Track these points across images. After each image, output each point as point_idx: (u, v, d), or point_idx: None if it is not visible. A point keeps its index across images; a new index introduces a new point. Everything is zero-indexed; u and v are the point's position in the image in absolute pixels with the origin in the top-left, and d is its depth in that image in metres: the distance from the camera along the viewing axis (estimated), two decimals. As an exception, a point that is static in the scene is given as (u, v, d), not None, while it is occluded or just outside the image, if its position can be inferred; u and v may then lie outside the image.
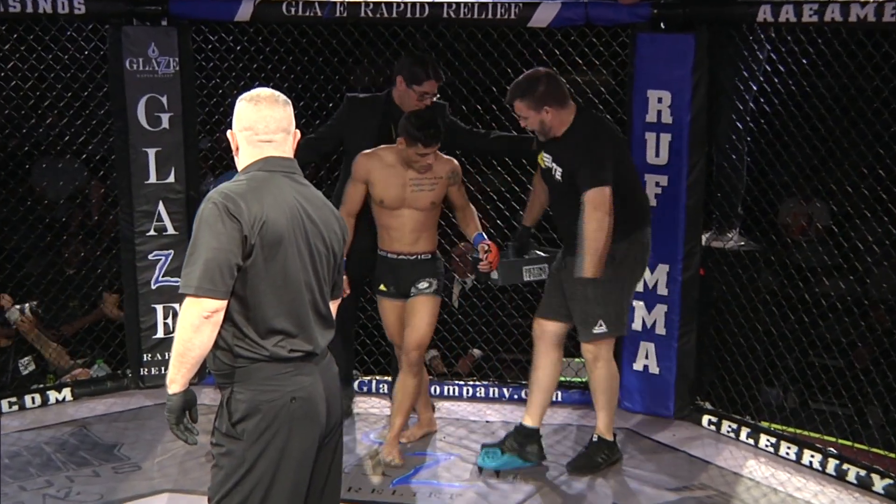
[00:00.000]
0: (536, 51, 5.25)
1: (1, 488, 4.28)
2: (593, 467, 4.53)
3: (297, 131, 2.94)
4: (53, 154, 5.93)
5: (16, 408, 5.16)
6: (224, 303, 2.71)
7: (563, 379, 5.44)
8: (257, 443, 2.76)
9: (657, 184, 4.93)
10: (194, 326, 2.69)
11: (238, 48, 5.51)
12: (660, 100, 4.88)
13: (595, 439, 4.57)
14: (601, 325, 4.39)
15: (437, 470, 4.59)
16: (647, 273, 4.95)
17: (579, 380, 5.45)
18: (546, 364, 4.54)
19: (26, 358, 5.46)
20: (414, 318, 4.52)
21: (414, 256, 4.52)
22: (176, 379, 2.76)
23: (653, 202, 4.89)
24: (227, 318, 2.75)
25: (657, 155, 4.92)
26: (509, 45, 5.34)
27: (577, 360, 5.63)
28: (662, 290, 5.01)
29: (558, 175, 4.36)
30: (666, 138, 4.89)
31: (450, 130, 4.96)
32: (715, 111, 4.95)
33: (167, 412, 2.80)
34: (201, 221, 2.72)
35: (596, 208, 4.17)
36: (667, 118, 4.88)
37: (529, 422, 4.53)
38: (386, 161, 4.45)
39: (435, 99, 4.83)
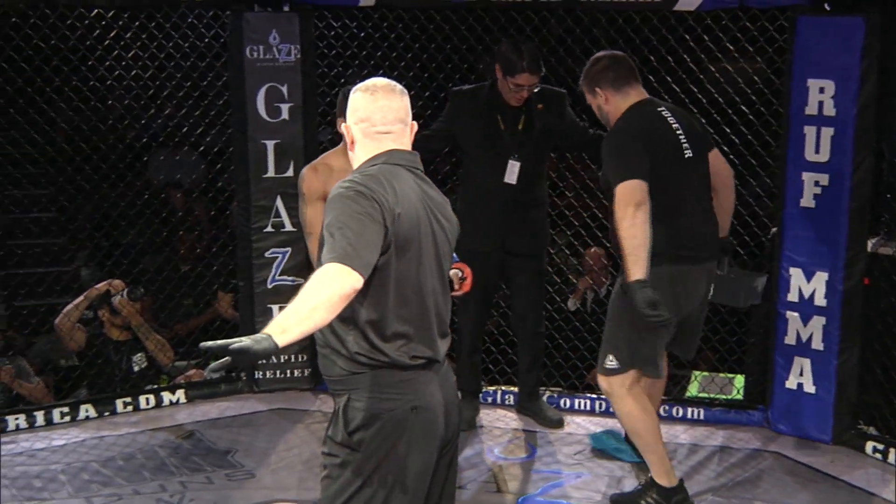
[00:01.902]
0: (683, 36, 5.17)
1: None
2: None
3: (414, 123, 2.92)
4: (171, 146, 6.16)
5: (130, 408, 5.37)
6: (363, 283, 2.65)
7: (705, 395, 5.39)
8: (375, 454, 2.75)
9: (816, 183, 4.79)
10: (344, 297, 2.57)
11: (362, 35, 5.59)
12: (822, 90, 4.74)
13: (647, 480, 4.29)
14: (612, 360, 4.16)
15: (566, 490, 4.55)
16: (802, 282, 4.85)
17: (724, 397, 5.37)
18: None
19: (139, 355, 5.65)
20: None
21: None
22: (293, 333, 2.51)
23: (811, 203, 4.78)
24: (349, 319, 2.71)
25: (817, 151, 4.78)
26: (653, 31, 5.27)
27: (721, 374, 5.55)
28: (820, 301, 4.86)
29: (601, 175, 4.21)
30: (828, 132, 4.75)
31: (568, 124, 4.93)
32: (886, 103, 4.78)
33: (254, 350, 2.43)
34: (342, 206, 2.65)
35: (626, 203, 3.89)
36: (829, 110, 4.74)
37: None
38: (334, 168, 4.08)
39: (537, 89, 4.74)
